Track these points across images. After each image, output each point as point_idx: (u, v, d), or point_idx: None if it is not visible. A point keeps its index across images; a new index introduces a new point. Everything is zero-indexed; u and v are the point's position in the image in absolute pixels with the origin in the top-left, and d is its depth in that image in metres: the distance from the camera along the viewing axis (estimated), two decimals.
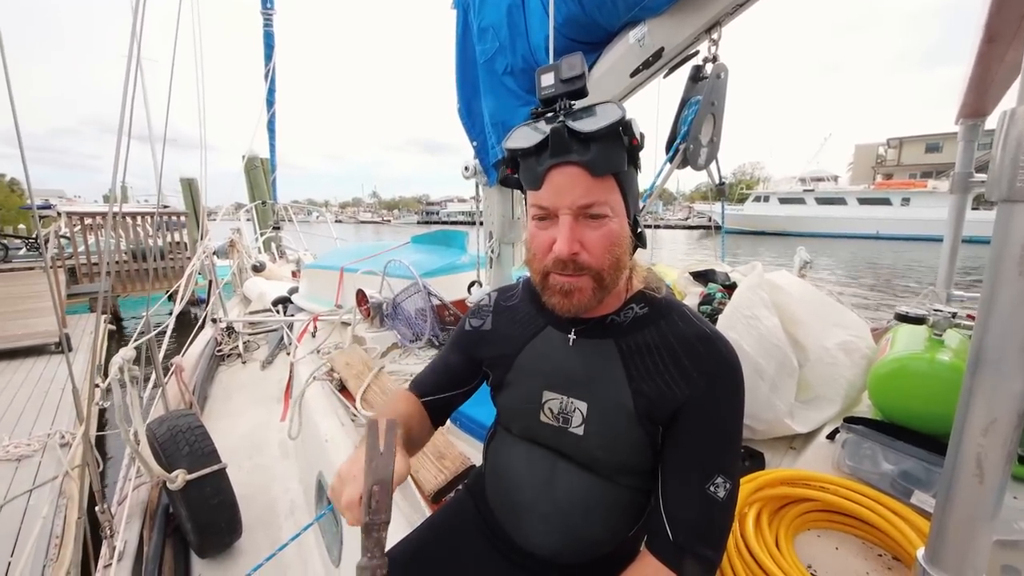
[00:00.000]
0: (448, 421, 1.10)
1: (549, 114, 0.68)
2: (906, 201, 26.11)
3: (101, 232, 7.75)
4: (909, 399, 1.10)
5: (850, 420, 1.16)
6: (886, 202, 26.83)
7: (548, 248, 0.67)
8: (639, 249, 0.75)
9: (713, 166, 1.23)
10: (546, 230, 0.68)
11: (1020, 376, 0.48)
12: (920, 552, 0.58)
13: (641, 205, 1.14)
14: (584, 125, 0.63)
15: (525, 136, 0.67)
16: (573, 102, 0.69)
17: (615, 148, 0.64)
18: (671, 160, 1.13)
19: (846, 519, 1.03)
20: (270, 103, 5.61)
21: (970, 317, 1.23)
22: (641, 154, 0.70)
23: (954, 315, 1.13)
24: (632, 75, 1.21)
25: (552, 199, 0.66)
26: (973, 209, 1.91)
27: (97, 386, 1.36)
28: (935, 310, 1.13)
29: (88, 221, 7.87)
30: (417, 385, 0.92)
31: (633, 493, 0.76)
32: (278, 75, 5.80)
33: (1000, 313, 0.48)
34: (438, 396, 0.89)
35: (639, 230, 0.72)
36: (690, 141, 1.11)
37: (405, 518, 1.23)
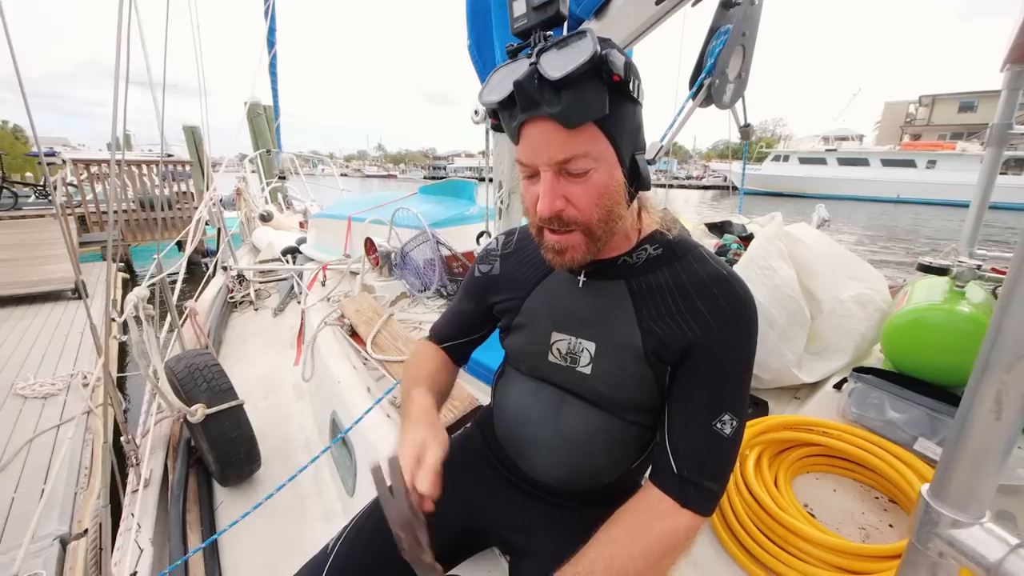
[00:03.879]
0: None
1: (524, 50, 0.62)
2: (932, 164, 25.00)
3: (107, 182, 7.72)
4: (924, 350, 1.09)
5: (859, 370, 1.16)
6: (911, 164, 25.71)
7: (535, 204, 0.64)
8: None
9: (739, 105, 1.16)
10: (533, 185, 0.65)
11: None
12: (925, 487, 0.58)
13: (660, 144, 1.09)
14: (551, 68, 0.56)
15: (497, 86, 0.61)
16: (548, 32, 0.62)
17: (592, 91, 0.56)
18: (694, 96, 1.07)
19: (845, 463, 1.05)
20: (271, 43, 5.34)
21: (995, 271, 1.19)
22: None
23: (979, 267, 1.09)
24: (658, 2, 1.12)
25: (529, 155, 0.62)
26: (1001, 173, 1.81)
27: (114, 320, 1.39)
28: (959, 261, 1.10)
29: (94, 169, 7.82)
30: (435, 334, 0.96)
31: (638, 429, 0.77)
32: (280, 14, 5.53)
33: None
34: (456, 342, 0.94)
35: (640, 173, 0.66)
36: (716, 75, 1.04)
37: None
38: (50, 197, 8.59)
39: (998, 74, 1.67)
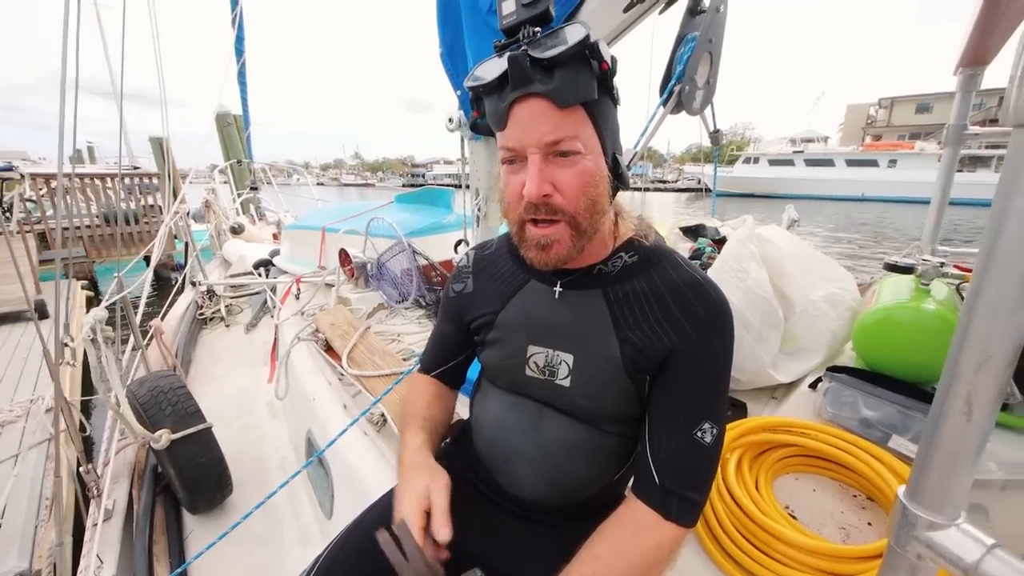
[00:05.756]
0: None
1: (512, 45, 0.61)
2: (893, 163, 26.14)
3: (69, 196, 7.41)
4: (893, 348, 1.11)
5: (833, 369, 1.18)
6: (874, 164, 26.83)
7: (520, 194, 0.62)
8: (623, 193, 0.71)
9: (708, 111, 1.17)
10: (516, 174, 0.63)
11: (1021, 311, 0.46)
12: (901, 489, 0.58)
13: (633, 151, 1.09)
14: (545, 51, 0.57)
15: (486, 71, 0.62)
16: (537, 29, 0.62)
17: (582, 74, 0.58)
18: (664, 103, 1.07)
19: (823, 463, 1.06)
20: (239, 52, 5.20)
21: (957, 267, 1.23)
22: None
23: (942, 264, 1.13)
24: (626, 10, 1.12)
25: (518, 137, 0.61)
26: (957, 171, 1.89)
27: (66, 345, 1.31)
28: (923, 260, 1.13)
29: (54, 184, 7.49)
30: (424, 364, 0.95)
31: (619, 440, 0.76)
32: (249, 22, 5.41)
33: (1007, 240, 0.45)
34: (445, 367, 0.93)
35: (620, 171, 0.67)
36: (685, 82, 1.05)
37: (391, 466, 1.24)
38: (7, 214, 8.18)
39: (951, 77, 1.74)
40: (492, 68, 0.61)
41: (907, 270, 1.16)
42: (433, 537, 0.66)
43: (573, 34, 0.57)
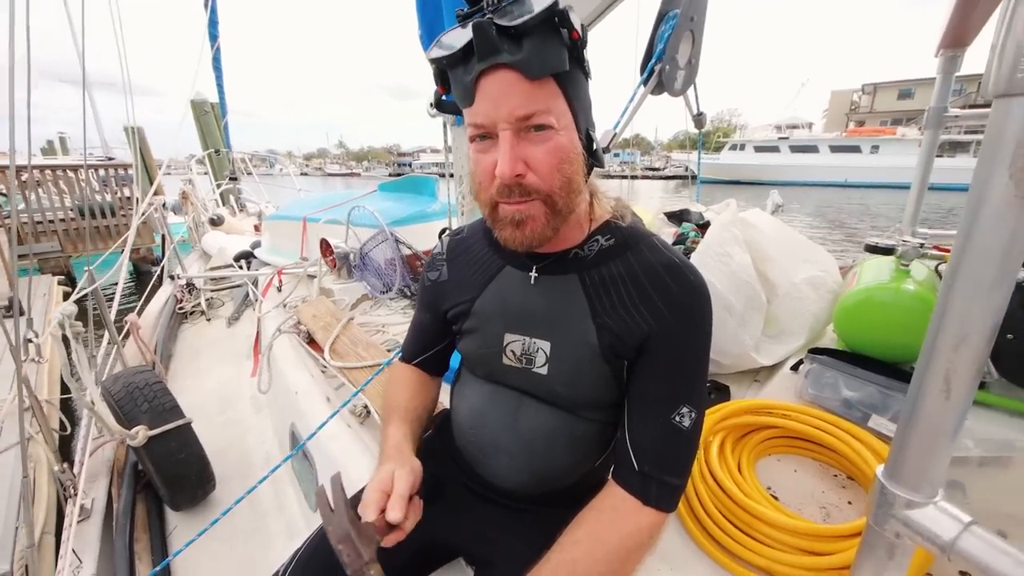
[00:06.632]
0: None
1: (476, 14, 0.58)
2: (875, 148, 26.49)
3: (42, 189, 7.16)
4: (874, 329, 1.12)
5: (814, 351, 1.18)
6: (856, 149, 27.15)
7: (492, 174, 0.59)
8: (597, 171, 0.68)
9: (691, 93, 1.15)
10: (487, 152, 0.60)
11: (998, 289, 0.46)
12: (879, 468, 0.58)
13: (613, 131, 1.07)
14: (512, 20, 0.54)
15: (449, 42, 0.58)
16: None
17: (552, 43, 0.55)
18: (645, 82, 1.05)
19: (805, 444, 1.07)
20: (213, 36, 5.01)
21: (937, 248, 1.24)
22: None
23: (921, 245, 1.13)
24: None
25: (487, 112, 0.57)
26: (938, 156, 1.89)
27: (30, 341, 1.26)
28: (903, 241, 1.13)
29: (25, 176, 7.21)
30: (404, 353, 0.94)
31: (599, 426, 0.75)
32: (224, 6, 5.21)
33: (985, 219, 0.45)
34: (426, 356, 0.91)
35: (594, 148, 0.64)
36: (666, 61, 1.02)
37: (375, 458, 1.22)
38: None
39: (933, 61, 1.73)
40: (456, 38, 0.58)
41: (887, 251, 1.16)
42: (386, 519, 0.63)
43: (540, 0, 0.53)
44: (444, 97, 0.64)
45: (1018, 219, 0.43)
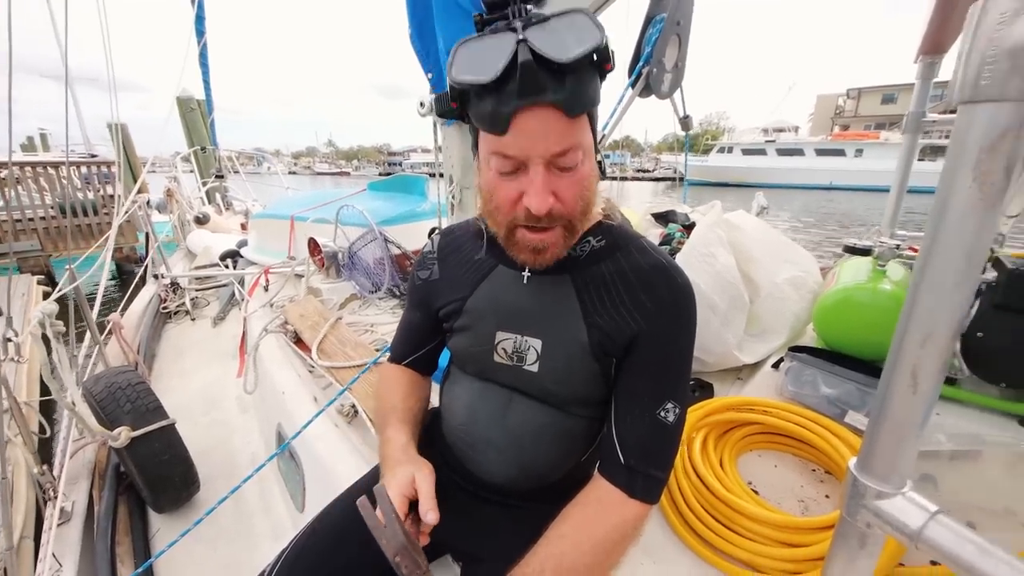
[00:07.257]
0: None
1: (500, 22, 0.55)
2: (859, 152, 26.99)
3: (22, 186, 6.98)
4: (852, 328, 1.15)
5: (795, 349, 1.21)
6: (841, 153, 27.64)
7: (515, 201, 0.59)
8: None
9: (677, 96, 1.17)
10: (511, 180, 0.59)
11: (962, 288, 0.48)
12: (852, 461, 0.60)
13: (601, 132, 1.08)
14: (556, 50, 0.50)
15: (478, 63, 0.53)
16: (528, 5, 0.56)
17: (591, 79, 0.54)
18: (633, 85, 1.06)
19: (785, 439, 1.10)
20: (200, 32, 4.94)
21: (912, 249, 1.28)
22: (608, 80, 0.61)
23: (898, 246, 1.17)
24: None
25: (521, 147, 0.55)
26: (920, 160, 1.94)
27: (9, 341, 1.23)
28: (880, 242, 1.16)
29: (3, 173, 7.03)
30: (394, 353, 0.93)
31: (587, 422, 0.76)
32: (214, 2, 5.13)
33: (951, 221, 0.47)
34: (416, 356, 0.91)
35: (599, 159, 0.66)
36: (653, 64, 1.04)
37: (363, 458, 1.22)
38: None
39: (913, 66, 1.78)
40: (483, 60, 0.52)
41: (865, 252, 1.20)
42: (417, 520, 0.65)
43: (587, 34, 0.51)
44: (461, 116, 0.60)
45: (981, 221, 0.45)
